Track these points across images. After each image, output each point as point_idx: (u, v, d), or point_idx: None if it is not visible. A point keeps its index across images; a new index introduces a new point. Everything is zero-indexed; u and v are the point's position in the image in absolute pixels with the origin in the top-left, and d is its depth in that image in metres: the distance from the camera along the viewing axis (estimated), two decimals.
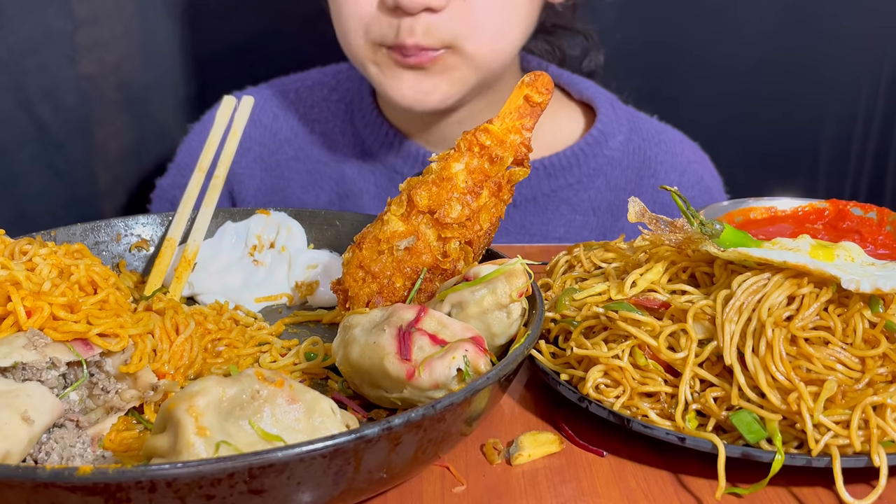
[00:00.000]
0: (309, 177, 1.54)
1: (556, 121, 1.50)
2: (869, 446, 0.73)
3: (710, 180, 1.57)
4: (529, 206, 1.49)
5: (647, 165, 1.51)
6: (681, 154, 1.54)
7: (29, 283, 0.79)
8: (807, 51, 1.88)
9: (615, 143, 1.49)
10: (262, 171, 1.55)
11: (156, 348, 0.84)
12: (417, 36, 1.24)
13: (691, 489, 0.75)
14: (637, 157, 1.50)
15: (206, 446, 0.62)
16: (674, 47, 1.79)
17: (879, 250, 1.09)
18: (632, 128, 1.52)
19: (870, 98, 1.91)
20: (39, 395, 0.71)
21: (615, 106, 1.52)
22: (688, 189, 1.51)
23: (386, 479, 0.68)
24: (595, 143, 1.47)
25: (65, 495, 0.58)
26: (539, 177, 1.46)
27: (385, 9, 1.26)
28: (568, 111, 1.55)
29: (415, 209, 0.91)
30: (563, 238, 1.48)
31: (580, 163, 1.47)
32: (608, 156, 1.48)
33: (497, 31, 1.30)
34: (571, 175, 1.47)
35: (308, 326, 1.03)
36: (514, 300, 0.83)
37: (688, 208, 0.90)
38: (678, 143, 1.56)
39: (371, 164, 1.51)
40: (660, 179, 1.50)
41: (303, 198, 1.53)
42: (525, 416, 0.87)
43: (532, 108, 0.94)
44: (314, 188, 1.54)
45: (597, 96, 1.51)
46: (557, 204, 1.49)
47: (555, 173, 1.47)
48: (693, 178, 1.53)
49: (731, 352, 0.78)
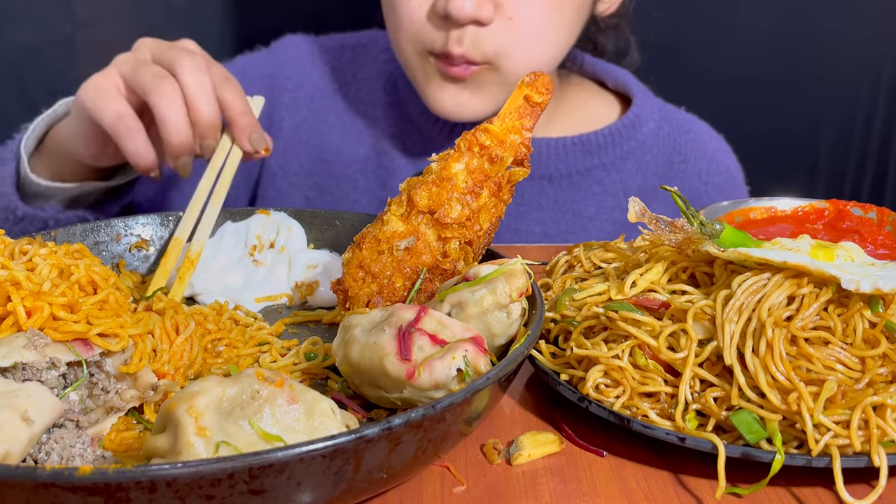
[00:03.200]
0: (350, 128, 1.57)
1: (590, 106, 1.56)
2: (869, 446, 0.73)
3: (734, 169, 1.63)
4: (564, 183, 1.52)
5: (678, 152, 1.56)
6: (709, 143, 1.60)
7: (29, 283, 0.79)
8: (807, 52, 1.88)
9: (648, 129, 1.53)
10: (308, 109, 1.58)
11: (156, 348, 0.84)
12: (465, 46, 1.28)
13: (691, 489, 0.75)
14: (667, 143, 1.55)
15: (206, 446, 0.62)
16: (674, 49, 1.79)
17: (879, 250, 1.09)
18: (663, 116, 1.56)
19: (870, 99, 1.91)
20: (39, 395, 0.71)
21: (647, 96, 1.57)
22: (715, 176, 1.57)
23: (386, 479, 0.68)
24: (630, 125, 1.52)
25: (65, 495, 0.58)
26: (575, 153, 1.50)
27: (435, 17, 1.30)
28: (601, 98, 1.60)
29: (415, 209, 0.91)
30: (593, 217, 1.52)
31: (615, 143, 1.51)
32: (640, 140, 1.53)
33: (538, 53, 1.33)
34: (605, 155, 1.51)
35: (308, 326, 1.03)
36: (514, 300, 0.83)
37: (687, 208, 0.90)
38: (706, 132, 1.62)
39: (408, 127, 1.54)
40: (689, 166, 1.56)
41: (339, 146, 1.56)
42: (525, 416, 0.87)
43: (532, 108, 0.94)
44: (352, 140, 1.56)
45: (632, 84, 1.57)
46: (590, 184, 1.52)
47: (590, 151, 1.50)
48: (720, 165, 1.59)
49: (731, 352, 0.78)
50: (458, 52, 1.29)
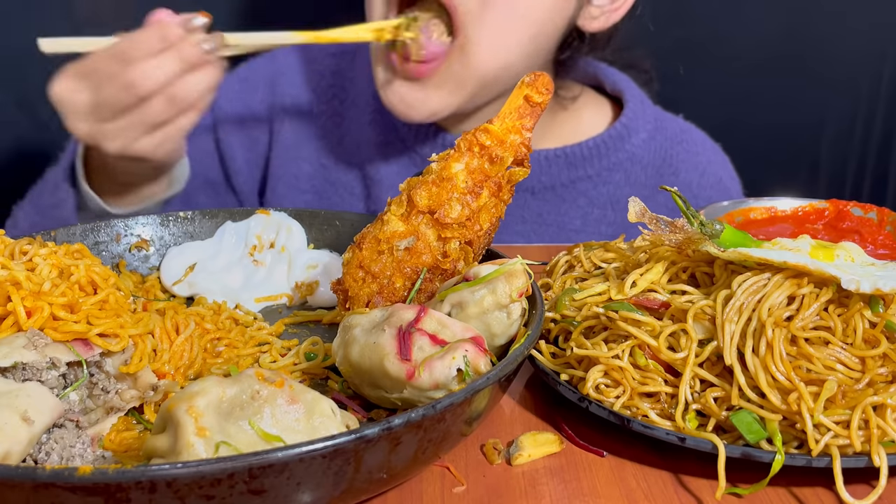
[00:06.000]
0: (346, 134, 1.56)
1: (580, 113, 1.53)
2: (869, 446, 0.73)
3: (728, 181, 1.59)
4: (548, 195, 1.49)
5: (669, 164, 1.52)
6: (702, 154, 1.56)
7: (29, 283, 0.79)
8: (807, 51, 1.88)
9: (638, 139, 1.50)
10: (309, 113, 1.58)
11: (156, 348, 0.84)
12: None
13: (691, 489, 0.75)
14: (658, 155, 1.52)
15: (206, 447, 0.62)
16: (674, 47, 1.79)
17: (879, 250, 1.09)
18: (657, 126, 1.53)
19: (871, 98, 1.91)
20: (39, 395, 0.71)
21: (644, 104, 1.54)
22: (706, 189, 1.53)
23: (386, 479, 0.68)
24: (618, 136, 1.48)
25: (65, 495, 0.58)
26: (559, 165, 1.47)
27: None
28: (594, 105, 1.57)
29: (415, 209, 0.91)
30: (579, 230, 1.50)
31: (601, 155, 1.48)
32: (630, 151, 1.49)
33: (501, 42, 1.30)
34: (591, 167, 1.48)
35: (308, 326, 1.03)
36: (514, 300, 0.83)
37: (688, 208, 0.90)
38: (700, 143, 1.58)
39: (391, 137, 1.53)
40: (681, 178, 1.52)
41: (336, 151, 1.56)
42: (525, 416, 0.87)
43: (532, 108, 0.94)
44: (348, 145, 1.56)
45: (628, 90, 1.53)
46: (576, 196, 1.50)
47: (575, 163, 1.47)
48: (712, 178, 1.55)
49: (732, 352, 0.78)
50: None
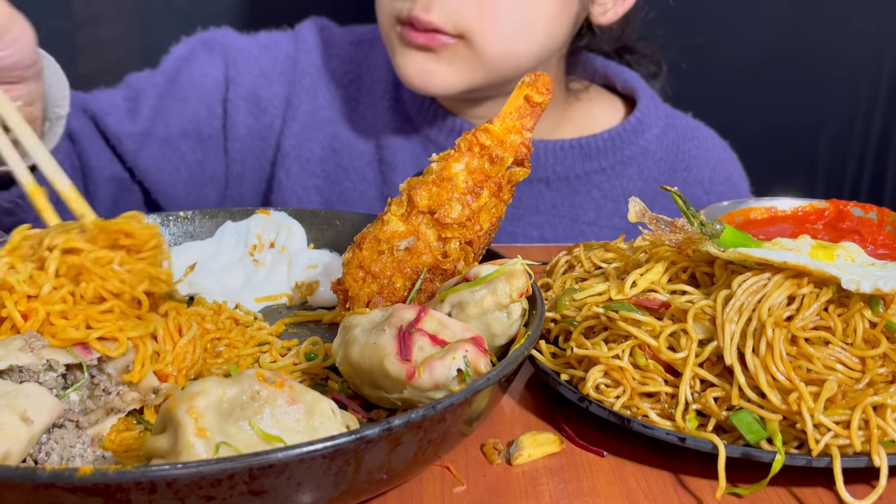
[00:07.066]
0: (360, 121, 1.56)
1: (592, 107, 1.55)
2: (869, 446, 0.73)
3: (737, 178, 1.61)
4: (562, 186, 1.51)
5: (681, 159, 1.54)
6: (713, 150, 1.58)
7: (24, 287, 0.78)
8: (807, 50, 1.88)
9: (651, 134, 1.52)
10: (325, 97, 1.58)
11: (158, 350, 0.84)
12: (433, 14, 1.27)
13: (691, 489, 0.75)
14: (671, 150, 1.54)
15: (206, 447, 0.62)
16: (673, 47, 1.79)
17: (879, 250, 1.09)
18: (668, 123, 1.55)
19: (870, 98, 1.91)
20: (38, 396, 0.70)
21: (655, 101, 1.56)
22: (718, 184, 1.55)
23: (386, 479, 0.68)
24: (632, 129, 1.50)
25: (65, 496, 0.58)
26: (574, 156, 1.48)
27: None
28: (607, 102, 1.59)
29: (415, 209, 0.91)
30: (592, 223, 1.51)
31: (615, 147, 1.50)
32: (643, 146, 1.51)
33: (510, 33, 1.31)
34: (605, 159, 1.50)
35: (308, 326, 1.03)
36: (514, 300, 0.83)
37: (688, 208, 0.90)
38: (710, 139, 1.60)
39: (406, 126, 1.53)
40: (692, 174, 1.54)
41: (350, 137, 1.55)
42: (525, 416, 0.87)
43: (532, 108, 0.94)
44: (362, 133, 1.55)
45: (639, 87, 1.55)
46: (589, 188, 1.51)
47: (590, 154, 1.49)
48: (723, 174, 1.57)
49: (732, 352, 0.78)
50: (424, 19, 1.27)
